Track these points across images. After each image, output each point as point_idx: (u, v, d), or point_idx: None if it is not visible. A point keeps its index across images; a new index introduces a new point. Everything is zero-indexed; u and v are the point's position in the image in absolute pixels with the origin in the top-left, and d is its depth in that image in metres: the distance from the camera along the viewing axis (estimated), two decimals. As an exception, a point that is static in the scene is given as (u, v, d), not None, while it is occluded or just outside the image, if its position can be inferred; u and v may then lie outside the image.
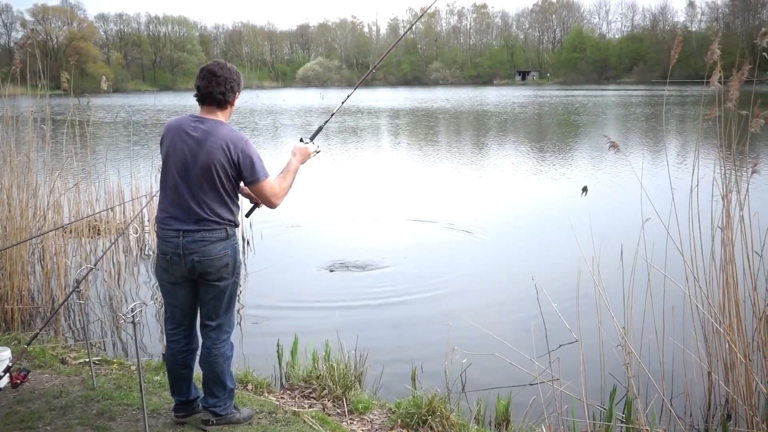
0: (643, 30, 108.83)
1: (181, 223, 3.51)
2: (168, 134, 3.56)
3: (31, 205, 7.04)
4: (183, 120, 3.57)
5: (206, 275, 3.56)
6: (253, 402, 4.29)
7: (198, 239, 3.50)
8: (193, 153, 3.46)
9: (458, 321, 6.53)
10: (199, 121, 3.52)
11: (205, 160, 3.45)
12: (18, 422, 3.82)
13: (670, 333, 4.78)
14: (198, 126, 3.50)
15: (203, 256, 3.51)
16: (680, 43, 4.72)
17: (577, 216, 7.15)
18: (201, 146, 3.46)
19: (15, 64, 7.44)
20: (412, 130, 30.23)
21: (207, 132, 3.48)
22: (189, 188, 3.49)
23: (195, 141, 3.47)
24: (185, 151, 3.48)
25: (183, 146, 3.49)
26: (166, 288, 3.67)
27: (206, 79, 3.51)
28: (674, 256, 4.81)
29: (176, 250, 3.51)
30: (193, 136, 3.48)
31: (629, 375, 4.11)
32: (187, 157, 3.47)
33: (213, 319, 3.68)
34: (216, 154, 3.45)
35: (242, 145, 3.50)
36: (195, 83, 3.56)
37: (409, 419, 4.18)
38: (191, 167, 3.47)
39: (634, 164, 14.29)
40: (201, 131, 3.48)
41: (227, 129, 3.53)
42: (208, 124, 3.51)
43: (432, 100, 55.98)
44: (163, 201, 3.60)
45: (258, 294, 7.66)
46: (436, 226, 10.84)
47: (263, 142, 24.71)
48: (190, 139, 3.48)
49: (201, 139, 3.46)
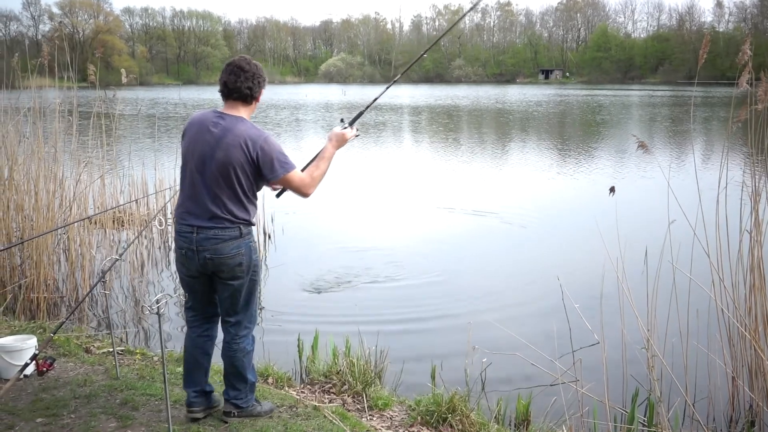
0: (670, 30, 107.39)
1: (196, 219, 3.49)
2: (191, 128, 3.54)
3: (57, 196, 7.14)
4: (206, 115, 3.55)
5: (219, 273, 3.55)
6: (273, 396, 4.31)
7: (210, 237, 3.48)
8: (211, 149, 3.44)
9: (479, 319, 6.51)
10: (221, 117, 3.50)
11: (222, 158, 3.43)
12: (43, 409, 3.88)
13: (695, 336, 4.73)
14: (219, 122, 3.48)
15: (215, 254, 3.49)
16: (708, 42, 4.65)
17: (603, 216, 7.09)
18: (219, 143, 3.44)
19: (43, 57, 7.54)
20: (433, 126, 30.16)
21: (226, 129, 3.45)
22: (205, 184, 3.47)
23: (214, 137, 3.45)
24: (204, 147, 3.46)
25: (203, 142, 3.47)
26: (185, 281, 3.69)
27: (234, 73, 3.48)
28: (700, 259, 4.75)
29: (190, 246, 3.50)
30: (213, 132, 3.45)
31: (652, 378, 4.07)
32: (205, 153, 3.46)
33: (231, 315, 3.68)
34: (234, 152, 3.43)
35: (261, 142, 3.47)
36: (221, 78, 3.52)
37: (429, 417, 4.17)
38: (208, 163, 3.45)
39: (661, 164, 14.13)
40: (221, 128, 3.46)
41: (247, 125, 3.50)
42: (228, 120, 3.49)
43: (454, 97, 55.81)
44: (181, 196, 3.60)
45: (279, 288, 7.69)
46: (459, 224, 10.81)
47: (285, 136, 24.80)
48: (210, 135, 3.46)
49: (220, 135, 3.44)
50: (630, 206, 10.82)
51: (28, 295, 6.50)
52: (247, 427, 3.73)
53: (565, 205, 12.21)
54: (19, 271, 6.78)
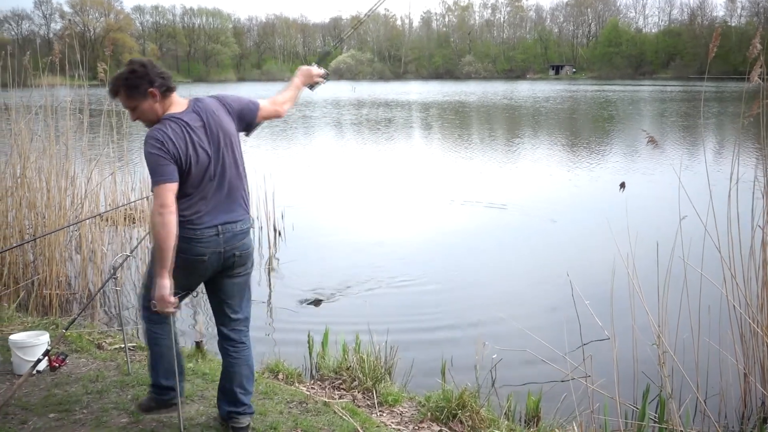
0: (681, 24, 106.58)
1: (218, 217, 3.29)
2: (175, 138, 3.14)
3: (69, 193, 7.19)
4: (175, 122, 3.18)
5: (237, 269, 3.44)
6: (284, 392, 4.32)
7: (237, 232, 3.36)
8: (208, 141, 3.23)
9: (489, 315, 6.51)
10: (183, 114, 3.22)
11: (224, 136, 3.28)
12: (56, 404, 3.91)
13: (706, 333, 4.70)
14: (190, 116, 3.22)
15: (243, 250, 3.41)
16: (719, 36, 4.62)
17: (613, 211, 7.06)
18: (211, 128, 3.24)
19: (54, 55, 7.58)
20: (440, 122, 30.11)
21: (201, 113, 3.24)
22: (221, 176, 3.28)
23: (201, 130, 3.21)
24: (201, 146, 3.20)
25: (197, 139, 3.19)
26: (185, 287, 3.38)
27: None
28: (711, 255, 4.72)
29: (216, 249, 3.29)
30: (196, 126, 3.20)
31: (664, 374, 4.05)
32: (206, 150, 3.21)
33: (238, 312, 3.58)
34: (227, 126, 3.31)
35: (222, 99, 3.37)
36: (164, 79, 3.21)
37: (438, 413, 4.17)
38: (216, 153, 3.24)
39: (671, 160, 14.06)
40: (195, 118, 3.22)
41: (206, 99, 3.35)
42: (192, 107, 3.27)
43: (462, 93, 55.67)
44: (186, 202, 3.22)
45: (289, 284, 7.70)
46: (468, 219, 10.80)
47: (290, 132, 24.84)
48: (196, 132, 3.20)
49: (206, 122, 3.23)
50: (640, 202, 10.76)
51: (40, 291, 6.56)
52: (257, 423, 3.74)
53: (575, 200, 12.17)
54: (32, 267, 6.84)
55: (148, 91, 3.17)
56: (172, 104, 3.26)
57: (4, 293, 6.40)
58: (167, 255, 3.04)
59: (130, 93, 3.18)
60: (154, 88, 3.17)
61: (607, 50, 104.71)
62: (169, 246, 3.04)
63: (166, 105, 3.24)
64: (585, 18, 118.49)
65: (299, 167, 16.27)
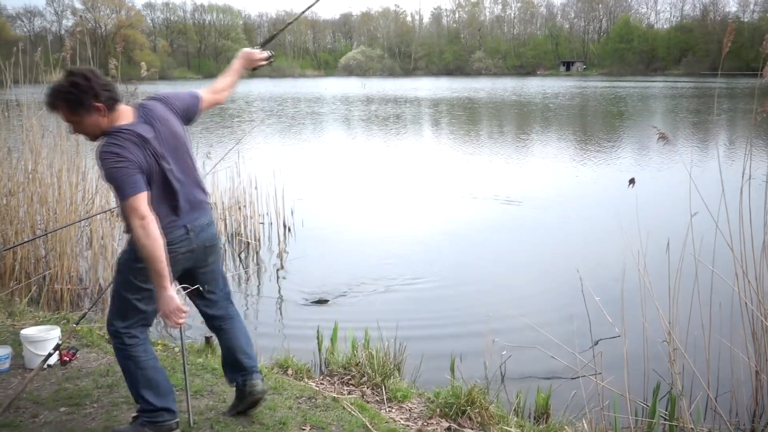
0: (693, 20, 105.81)
1: (185, 218, 3.21)
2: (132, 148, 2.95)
3: (80, 188, 7.23)
4: (126, 135, 2.97)
5: (208, 259, 3.40)
6: (293, 387, 4.32)
7: (204, 225, 3.32)
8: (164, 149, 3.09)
9: (499, 312, 6.49)
10: (133, 125, 3.03)
11: (176, 140, 3.17)
12: (66, 399, 3.93)
13: (717, 330, 4.67)
14: (142, 128, 3.04)
15: (212, 240, 3.38)
16: (732, 31, 4.58)
17: (624, 207, 7.02)
18: (164, 138, 3.10)
19: (65, 51, 7.61)
20: (452, 118, 30.06)
21: (153, 122, 3.09)
22: (182, 173, 3.19)
23: (156, 141, 3.05)
24: (157, 155, 3.05)
25: (152, 153, 3.03)
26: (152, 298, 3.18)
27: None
28: (723, 251, 4.69)
29: (189, 247, 3.24)
30: (149, 138, 3.02)
31: (674, 371, 4.03)
32: (164, 158, 3.08)
33: (217, 293, 3.53)
34: (178, 129, 3.20)
35: (163, 98, 3.22)
36: (109, 91, 3.00)
37: (447, 409, 4.17)
38: (172, 162, 3.13)
39: (682, 156, 13.98)
40: (147, 129, 3.05)
41: (152, 104, 3.18)
42: (141, 117, 3.08)
43: (471, 90, 55.53)
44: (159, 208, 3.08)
45: (298, 280, 7.72)
46: (477, 214, 10.78)
47: (297, 129, 24.88)
48: (150, 142, 3.02)
49: (157, 130, 3.08)
50: (651, 198, 10.71)
51: (51, 286, 6.60)
52: (266, 418, 3.75)
53: (586, 196, 12.12)
54: (43, 262, 6.88)
55: (93, 105, 2.93)
56: (119, 116, 3.03)
57: (16, 288, 6.44)
58: (162, 265, 2.92)
59: (73, 108, 2.94)
60: (99, 102, 2.94)
61: (618, 46, 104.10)
62: (161, 255, 2.92)
63: (112, 118, 3.01)
64: (596, 14, 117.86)
65: (309, 163, 16.29)
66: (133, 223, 2.89)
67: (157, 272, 2.93)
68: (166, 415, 3.35)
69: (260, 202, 9.71)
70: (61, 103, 2.94)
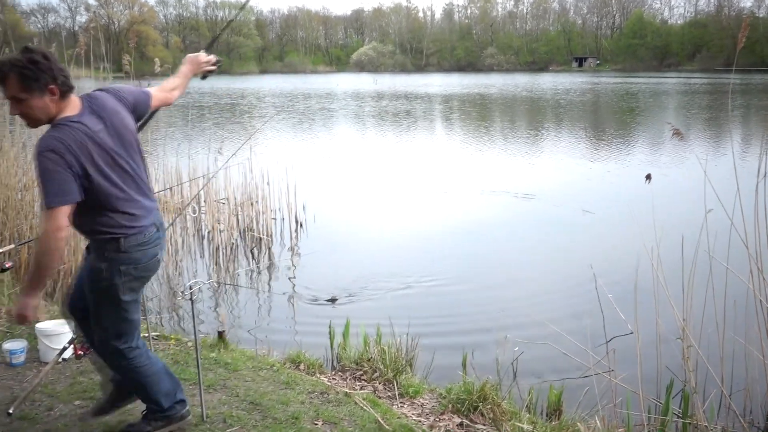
0: (707, 15, 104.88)
1: (148, 218, 3.07)
2: (77, 146, 2.73)
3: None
4: (73, 127, 2.76)
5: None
6: (305, 382, 4.34)
7: (163, 232, 3.22)
8: (115, 143, 2.89)
9: (511, 308, 6.48)
10: (80, 116, 2.82)
11: (129, 134, 2.98)
12: (81, 392, 3.96)
13: (731, 327, 4.64)
14: (89, 119, 2.83)
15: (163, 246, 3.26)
16: (747, 27, 4.54)
17: (637, 203, 6.99)
18: (116, 130, 2.91)
19: (79, 47, 7.67)
20: (462, 114, 29.99)
21: (103, 114, 2.89)
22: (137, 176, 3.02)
23: (105, 132, 2.85)
24: (109, 149, 2.86)
25: (103, 147, 2.83)
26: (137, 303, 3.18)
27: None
28: (738, 249, 4.65)
29: (160, 245, 3.17)
30: (97, 130, 2.83)
31: (688, 369, 4.01)
32: (116, 152, 2.89)
33: None
34: (129, 122, 2.99)
35: (115, 92, 3.03)
36: (66, 77, 2.78)
37: (460, 405, 4.17)
38: (125, 156, 2.94)
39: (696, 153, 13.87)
40: (96, 121, 2.85)
41: (101, 95, 2.96)
42: (89, 108, 2.87)
43: (482, 86, 55.36)
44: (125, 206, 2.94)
45: (310, 276, 7.73)
46: (490, 210, 10.76)
47: (307, 124, 24.89)
48: (99, 135, 2.82)
49: (108, 123, 2.88)
50: (665, 194, 10.64)
51: (66, 280, 6.65)
52: (279, 412, 3.76)
53: (599, 192, 12.06)
54: (58, 257, 6.92)
55: (48, 86, 2.72)
56: (69, 106, 2.82)
57: (31, 282, 6.49)
58: (47, 275, 2.82)
59: (26, 83, 2.69)
60: (54, 84, 2.74)
61: (631, 42, 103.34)
62: (52, 269, 2.84)
63: (62, 106, 2.79)
64: (609, 9, 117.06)
65: (321, 159, 16.30)
66: (47, 229, 2.70)
67: (38, 279, 2.80)
68: (177, 407, 3.37)
69: (272, 198, 9.74)
70: (14, 76, 2.68)
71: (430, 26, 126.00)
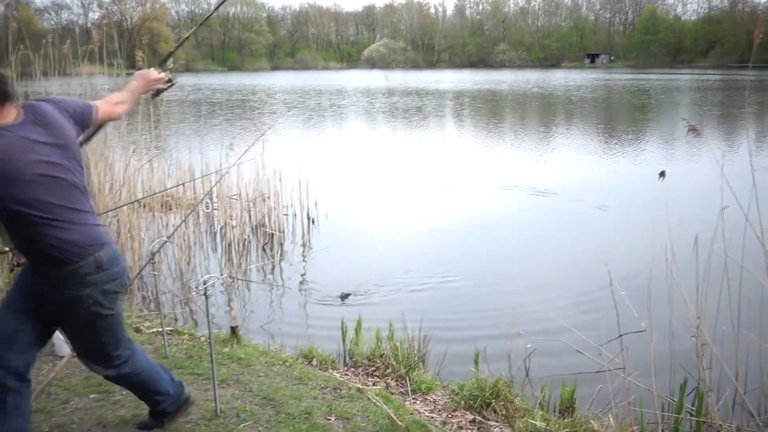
0: (721, 11, 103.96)
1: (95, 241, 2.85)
2: (8, 158, 2.55)
3: (108, 179, 7.32)
4: (8, 137, 2.58)
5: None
6: (317, 377, 4.35)
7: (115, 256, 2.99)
8: (56, 155, 2.72)
9: (524, 304, 6.47)
10: (20, 126, 2.64)
11: (71, 145, 2.81)
12: (96, 386, 3.99)
13: (746, 325, 4.60)
14: (30, 129, 2.66)
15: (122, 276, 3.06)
16: (763, 23, 4.50)
17: (651, 200, 6.95)
18: (58, 144, 2.74)
19: (92, 44, 7.71)
20: (473, 110, 29.91)
21: (45, 125, 2.71)
22: (83, 192, 2.85)
23: (48, 146, 2.69)
24: (49, 162, 2.67)
25: (42, 160, 2.65)
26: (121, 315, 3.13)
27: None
28: (753, 246, 4.62)
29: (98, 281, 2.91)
30: (37, 141, 2.65)
31: (702, 367, 3.99)
32: (58, 165, 2.71)
33: None
34: (72, 135, 2.83)
35: (58, 100, 2.89)
36: (4, 83, 2.62)
37: (472, 401, 4.17)
38: (68, 162, 2.77)
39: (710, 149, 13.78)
40: (38, 131, 2.67)
41: (43, 106, 2.78)
42: (30, 117, 2.69)
43: (493, 82, 55.19)
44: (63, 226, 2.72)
45: (322, 272, 7.74)
46: (503, 206, 10.73)
47: (316, 121, 24.90)
48: (39, 146, 2.66)
49: (50, 134, 2.71)
50: (679, 191, 10.57)
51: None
52: (292, 407, 3.78)
53: (612, 188, 11.99)
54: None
55: None
56: (5, 114, 2.62)
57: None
58: None
59: None
60: None
61: (644, 38, 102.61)
62: None
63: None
64: (622, 5, 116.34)
65: (332, 155, 16.31)
66: None
67: None
68: (179, 389, 3.38)
69: (284, 194, 9.76)
70: None
71: (441, 22, 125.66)
